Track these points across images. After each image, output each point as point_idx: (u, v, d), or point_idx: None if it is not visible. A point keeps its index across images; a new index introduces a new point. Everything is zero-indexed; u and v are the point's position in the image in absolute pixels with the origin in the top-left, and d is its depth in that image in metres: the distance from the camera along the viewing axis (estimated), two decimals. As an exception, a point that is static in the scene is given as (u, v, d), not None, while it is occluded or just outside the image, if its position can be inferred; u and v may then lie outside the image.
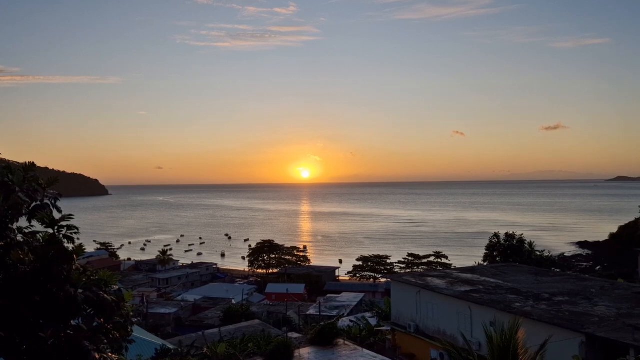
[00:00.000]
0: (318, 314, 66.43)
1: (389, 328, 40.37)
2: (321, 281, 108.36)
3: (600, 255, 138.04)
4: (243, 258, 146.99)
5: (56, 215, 7.21)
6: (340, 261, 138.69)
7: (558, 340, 21.82)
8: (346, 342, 35.66)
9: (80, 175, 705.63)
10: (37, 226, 7.41)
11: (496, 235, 73.59)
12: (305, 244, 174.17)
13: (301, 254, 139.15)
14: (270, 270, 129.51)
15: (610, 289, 34.34)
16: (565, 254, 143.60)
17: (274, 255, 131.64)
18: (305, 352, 33.24)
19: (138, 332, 36.28)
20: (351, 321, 53.68)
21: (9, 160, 7.88)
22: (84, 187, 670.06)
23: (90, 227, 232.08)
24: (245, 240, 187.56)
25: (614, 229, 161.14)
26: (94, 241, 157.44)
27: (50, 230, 7.02)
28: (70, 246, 7.18)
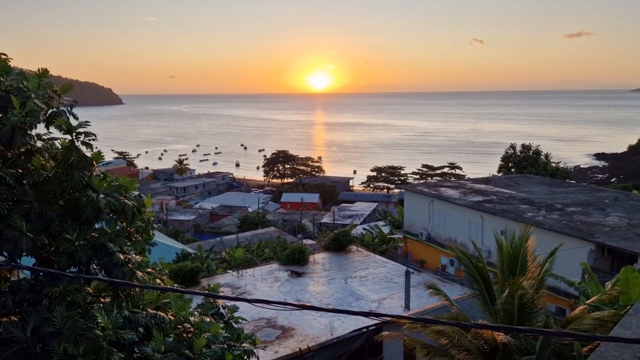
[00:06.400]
0: (332, 222, 68.23)
1: (401, 236, 41.47)
2: (335, 191, 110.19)
3: (617, 167, 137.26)
4: (257, 168, 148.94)
5: (73, 122, 7.22)
6: (355, 171, 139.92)
7: (568, 249, 22.29)
8: (359, 249, 36.92)
9: (93, 83, 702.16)
10: (55, 133, 7.45)
11: (512, 146, 73.01)
12: (319, 154, 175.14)
13: (315, 164, 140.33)
14: (285, 180, 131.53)
15: (624, 199, 34.45)
16: (581, 166, 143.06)
17: (288, 166, 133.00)
18: (319, 257, 34.56)
19: (159, 237, 37.82)
20: (364, 229, 55.20)
21: (21, 68, 7.77)
22: (98, 96, 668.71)
23: (107, 136, 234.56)
24: (260, 151, 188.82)
25: (634, 141, 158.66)
26: (112, 150, 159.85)
27: (69, 137, 7.06)
28: (89, 153, 7.26)
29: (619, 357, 4.26)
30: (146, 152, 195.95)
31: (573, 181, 61.74)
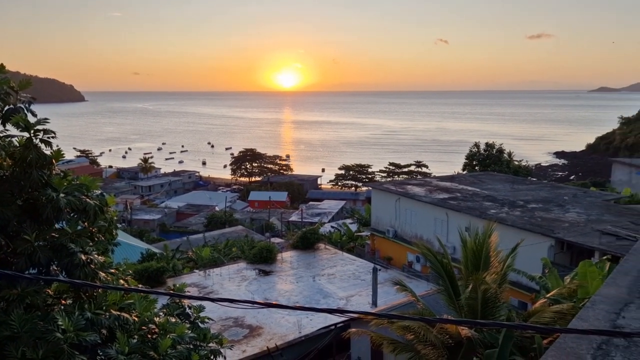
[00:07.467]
0: (300, 220, 68.21)
1: (369, 233, 41.81)
2: (303, 189, 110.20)
3: (576, 165, 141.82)
4: (225, 166, 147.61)
5: (31, 119, 7.00)
6: (323, 170, 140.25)
7: (529, 244, 22.89)
8: (327, 247, 37.04)
9: (53, 80, 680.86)
10: (12, 130, 7.20)
11: (476, 144, 74.46)
12: (287, 152, 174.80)
13: (283, 162, 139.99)
14: (253, 179, 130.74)
15: (583, 196, 35.62)
16: (541, 164, 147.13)
17: (256, 164, 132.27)
18: (287, 255, 34.52)
19: (123, 237, 37.04)
20: (332, 227, 55.43)
21: (-24, 63, 7.49)
22: (58, 92, 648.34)
23: (68, 134, 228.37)
24: (227, 149, 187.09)
25: (592, 140, 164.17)
26: (74, 148, 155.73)
27: (26, 135, 6.84)
28: (48, 151, 7.05)
29: (576, 348, 4.41)
30: (110, 151, 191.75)
31: (534, 179, 63.41)
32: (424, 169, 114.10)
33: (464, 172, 67.81)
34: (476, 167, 71.56)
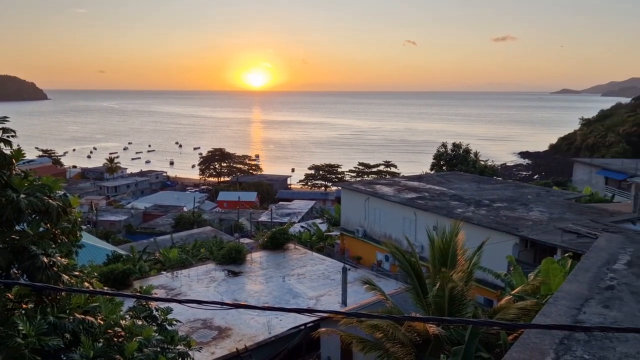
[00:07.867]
0: (270, 220, 67.92)
1: (338, 233, 41.95)
2: (273, 189, 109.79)
3: (539, 165, 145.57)
4: (193, 166, 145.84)
5: (-10, 117, 6.77)
6: (293, 170, 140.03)
7: (494, 242, 23.38)
8: (297, 247, 37.00)
9: (14, 77, 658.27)
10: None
11: (444, 145, 75.60)
12: (257, 152, 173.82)
13: (253, 162, 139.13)
14: (222, 179, 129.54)
15: (545, 195, 36.59)
16: (506, 164, 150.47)
17: (225, 164, 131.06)
18: (257, 256, 34.34)
19: (88, 239, 36.18)
20: (302, 227, 55.37)
21: None
22: (19, 90, 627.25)
23: (30, 133, 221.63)
24: (195, 149, 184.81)
25: (554, 140, 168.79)
26: (36, 148, 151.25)
27: (-15, 133, 6.62)
28: (8, 150, 6.84)
29: (539, 343, 4.53)
30: (74, 150, 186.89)
31: (500, 178, 64.81)
32: (393, 169, 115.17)
33: (432, 172, 68.78)
34: (443, 167, 72.64)
